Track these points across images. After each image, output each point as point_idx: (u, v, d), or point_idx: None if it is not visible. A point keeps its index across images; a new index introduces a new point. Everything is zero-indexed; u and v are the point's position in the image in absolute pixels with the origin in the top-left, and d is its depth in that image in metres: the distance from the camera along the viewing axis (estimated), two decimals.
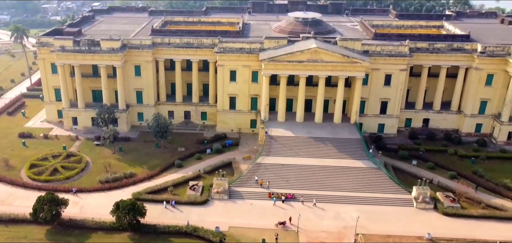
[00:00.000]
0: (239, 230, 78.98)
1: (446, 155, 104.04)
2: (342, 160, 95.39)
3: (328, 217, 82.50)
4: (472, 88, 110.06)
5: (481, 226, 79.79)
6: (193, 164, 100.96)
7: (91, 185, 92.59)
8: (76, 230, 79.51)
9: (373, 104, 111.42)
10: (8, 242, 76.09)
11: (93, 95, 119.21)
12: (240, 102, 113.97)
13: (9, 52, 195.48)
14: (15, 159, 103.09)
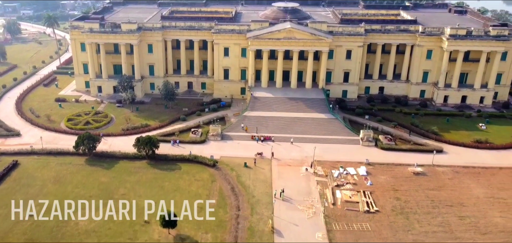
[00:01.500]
0: (228, 158, 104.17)
1: (394, 113, 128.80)
2: (309, 113, 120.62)
3: (295, 151, 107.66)
4: (416, 61, 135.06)
5: (407, 156, 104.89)
6: (194, 118, 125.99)
7: (115, 132, 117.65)
8: (107, 159, 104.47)
9: (338, 74, 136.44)
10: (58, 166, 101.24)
11: (114, 69, 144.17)
12: (232, 73, 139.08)
13: (36, 40, 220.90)
14: (55, 115, 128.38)
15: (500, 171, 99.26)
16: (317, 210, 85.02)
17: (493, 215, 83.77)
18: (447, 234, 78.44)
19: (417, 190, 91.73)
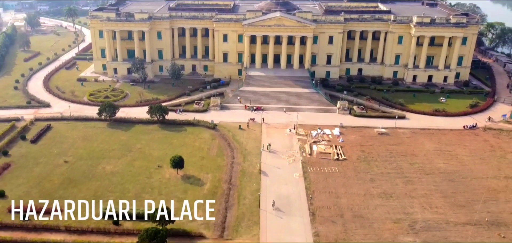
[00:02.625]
0: (225, 123, 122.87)
1: (369, 90, 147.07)
2: (295, 88, 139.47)
3: (281, 118, 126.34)
4: (389, 46, 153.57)
5: (375, 121, 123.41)
6: (198, 94, 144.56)
7: (131, 103, 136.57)
8: (125, 123, 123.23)
9: (321, 57, 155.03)
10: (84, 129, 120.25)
11: (127, 53, 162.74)
12: (230, 57, 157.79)
13: (55, 32, 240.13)
14: (78, 92, 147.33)
15: (450, 132, 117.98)
16: (297, 158, 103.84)
17: (438, 162, 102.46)
18: (398, 174, 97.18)
19: (379, 145, 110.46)
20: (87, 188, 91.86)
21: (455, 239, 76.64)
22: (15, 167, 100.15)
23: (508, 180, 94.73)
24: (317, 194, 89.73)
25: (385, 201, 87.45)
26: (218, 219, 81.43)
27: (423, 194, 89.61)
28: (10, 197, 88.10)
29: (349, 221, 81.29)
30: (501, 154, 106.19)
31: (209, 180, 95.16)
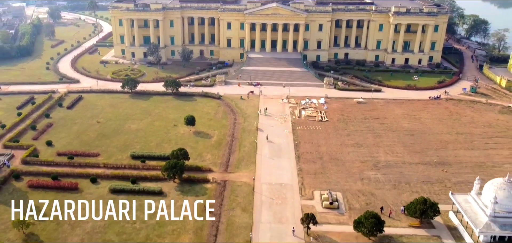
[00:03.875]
0: (229, 94, 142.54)
1: (353, 70, 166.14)
2: (289, 68, 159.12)
3: (277, 91, 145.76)
4: (371, 33, 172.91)
5: (356, 93, 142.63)
6: (205, 73, 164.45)
7: (148, 80, 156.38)
8: (144, 95, 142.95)
9: (313, 42, 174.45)
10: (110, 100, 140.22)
11: (144, 39, 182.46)
12: (233, 42, 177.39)
13: (75, 24, 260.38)
14: (102, 71, 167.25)
15: (417, 102, 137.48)
16: (288, 120, 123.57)
17: (403, 123, 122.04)
18: (369, 131, 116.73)
19: (357, 111, 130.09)
20: (117, 140, 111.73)
21: (408, 173, 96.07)
22: (56, 126, 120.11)
23: (458, 135, 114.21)
24: (302, 144, 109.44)
25: (356, 149, 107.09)
26: (223, 160, 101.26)
27: (388, 144, 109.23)
28: (56, 146, 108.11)
29: (326, 162, 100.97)
30: (456, 117, 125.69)
31: (216, 134, 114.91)
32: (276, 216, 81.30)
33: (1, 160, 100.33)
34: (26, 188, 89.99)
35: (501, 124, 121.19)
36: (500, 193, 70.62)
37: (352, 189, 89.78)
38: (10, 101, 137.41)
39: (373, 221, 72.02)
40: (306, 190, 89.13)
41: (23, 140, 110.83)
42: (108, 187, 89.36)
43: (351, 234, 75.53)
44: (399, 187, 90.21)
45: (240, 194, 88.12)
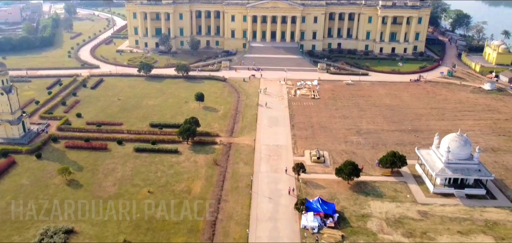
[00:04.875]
0: (233, 78, 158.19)
1: (344, 58, 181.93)
2: (286, 55, 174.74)
3: (276, 75, 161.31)
4: (362, 24, 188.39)
5: (345, 77, 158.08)
6: (212, 60, 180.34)
7: (160, 66, 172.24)
8: (158, 78, 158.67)
9: (308, 33, 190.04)
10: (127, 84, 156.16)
11: (155, 30, 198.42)
12: (237, 33, 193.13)
13: (90, 19, 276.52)
14: (118, 59, 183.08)
15: (398, 83, 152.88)
16: (284, 97, 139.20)
17: (385, 100, 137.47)
18: (355, 106, 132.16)
19: (345, 91, 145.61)
20: (137, 112, 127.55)
21: (385, 138, 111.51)
22: (83, 102, 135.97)
23: (431, 109, 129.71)
24: (296, 116, 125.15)
25: (342, 120, 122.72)
26: (228, 128, 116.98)
27: (370, 116, 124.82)
28: (85, 117, 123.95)
29: (316, 129, 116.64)
30: (432, 96, 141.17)
31: (222, 109, 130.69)
32: (272, 167, 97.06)
33: (40, 127, 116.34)
34: (64, 148, 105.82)
35: (470, 101, 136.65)
36: (453, 144, 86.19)
37: (337, 149, 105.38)
38: (40, 83, 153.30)
39: (351, 168, 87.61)
40: (298, 149, 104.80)
41: (56, 113, 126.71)
42: (132, 147, 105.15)
43: (333, 180, 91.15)
44: (376, 148, 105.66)
45: (243, 152, 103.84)
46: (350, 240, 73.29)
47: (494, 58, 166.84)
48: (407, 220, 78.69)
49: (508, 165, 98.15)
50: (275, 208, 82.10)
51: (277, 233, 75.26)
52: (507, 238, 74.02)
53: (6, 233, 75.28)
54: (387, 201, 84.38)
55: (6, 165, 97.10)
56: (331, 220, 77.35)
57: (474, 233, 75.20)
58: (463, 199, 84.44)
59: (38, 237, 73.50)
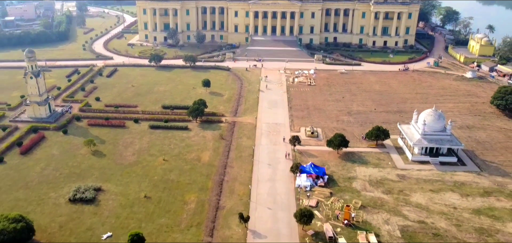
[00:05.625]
0: (236, 67, 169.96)
1: (340, 50, 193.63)
2: (286, 47, 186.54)
3: (276, 65, 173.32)
4: (356, 20, 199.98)
5: (340, 67, 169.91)
6: (216, 52, 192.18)
7: (169, 57, 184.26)
8: (167, 68, 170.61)
9: (306, 28, 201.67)
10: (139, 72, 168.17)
11: (164, 25, 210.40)
12: (239, 28, 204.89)
13: (100, 16, 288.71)
14: (130, 51, 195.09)
15: (389, 72, 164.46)
16: (283, 84, 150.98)
17: (375, 86, 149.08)
18: (347, 92, 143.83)
19: (339, 79, 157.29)
20: (150, 97, 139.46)
21: (373, 117, 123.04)
22: (100, 88, 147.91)
23: (416, 94, 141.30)
24: (294, 100, 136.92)
25: (335, 103, 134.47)
26: (233, 109, 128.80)
27: (360, 100, 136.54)
28: (103, 101, 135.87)
29: (312, 111, 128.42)
30: (418, 83, 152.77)
31: (226, 93, 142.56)
32: (271, 141, 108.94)
33: (64, 108, 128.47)
34: (86, 126, 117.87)
35: (452, 88, 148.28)
36: (428, 118, 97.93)
37: (329, 126, 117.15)
38: (59, 72, 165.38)
39: (340, 139, 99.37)
40: (295, 126, 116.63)
41: (76, 97, 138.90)
42: (147, 125, 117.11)
43: (325, 150, 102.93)
44: (364, 125, 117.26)
45: (246, 129, 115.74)
46: (337, 196, 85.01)
47: (477, 50, 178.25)
48: (387, 181, 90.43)
49: (479, 139, 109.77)
50: (274, 172, 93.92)
51: (275, 190, 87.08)
52: (471, 194, 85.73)
53: (44, 191, 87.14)
54: (371, 167, 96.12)
55: (37, 139, 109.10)
56: (322, 181, 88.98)
57: (443, 191, 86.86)
58: (437, 165, 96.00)
59: (71, 193, 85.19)
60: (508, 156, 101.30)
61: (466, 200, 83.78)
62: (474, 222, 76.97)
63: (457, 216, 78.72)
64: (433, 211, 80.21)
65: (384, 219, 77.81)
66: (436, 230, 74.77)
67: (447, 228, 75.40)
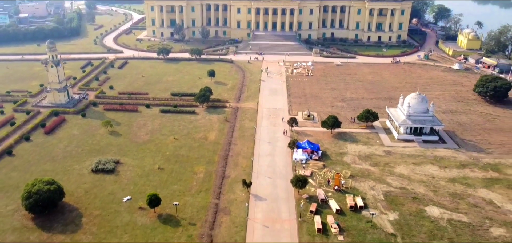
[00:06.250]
0: (239, 60, 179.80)
1: (336, 44, 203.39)
2: (286, 42, 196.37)
3: (276, 58, 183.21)
4: (352, 16, 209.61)
5: (336, 59, 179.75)
6: (220, 47, 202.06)
7: (176, 51, 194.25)
8: (175, 60, 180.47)
9: (305, 24, 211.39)
10: (147, 62, 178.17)
11: (170, 21, 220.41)
12: (242, 24, 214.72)
13: (108, 13, 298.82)
14: (138, 46, 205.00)
15: (382, 64, 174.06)
16: (283, 75, 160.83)
17: (368, 77, 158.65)
18: (342, 81, 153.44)
19: (335, 70, 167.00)
20: (159, 86, 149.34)
21: (365, 103, 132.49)
22: (113, 78, 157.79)
23: (406, 83, 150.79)
24: (292, 88, 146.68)
25: (330, 91, 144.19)
26: (236, 96, 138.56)
27: (354, 88, 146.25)
28: (116, 89, 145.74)
29: (309, 98, 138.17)
30: (408, 74, 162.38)
31: (230, 83, 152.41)
32: (271, 123, 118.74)
33: (81, 95, 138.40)
34: (102, 110, 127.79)
35: (440, 78, 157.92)
36: (412, 101, 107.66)
37: (324, 111, 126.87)
38: (73, 64, 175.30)
39: (333, 120, 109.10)
40: (293, 111, 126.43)
41: (91, 86, 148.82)
42: (158, 110, 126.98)
43: (319, 131, 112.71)
44: (356, 110, 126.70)
45: (248, 113, 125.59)
46: (329, 167, 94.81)
47: (465, 44, 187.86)
48: (374, 156, 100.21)
49: (460, 122, 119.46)
50: (273, 148, 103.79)
51: (274, 163, 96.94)
52: (449, 166, 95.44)
53: (68, 164, 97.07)
54: (360, 144, 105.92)
55: (58, 121, 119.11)
56: (316, 155, 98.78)
57: (424, 164, 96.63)
58: (420, 143, 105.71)
59: (93, 164, 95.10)
60: (485, 135, 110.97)
61: (444, 171, 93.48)
62: (449, 189, 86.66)
63: (434, 184, 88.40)
64: (413, 180, 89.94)
65: (370, 186, 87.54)
66: (415, 194, 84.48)
67: (425, 193, 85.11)
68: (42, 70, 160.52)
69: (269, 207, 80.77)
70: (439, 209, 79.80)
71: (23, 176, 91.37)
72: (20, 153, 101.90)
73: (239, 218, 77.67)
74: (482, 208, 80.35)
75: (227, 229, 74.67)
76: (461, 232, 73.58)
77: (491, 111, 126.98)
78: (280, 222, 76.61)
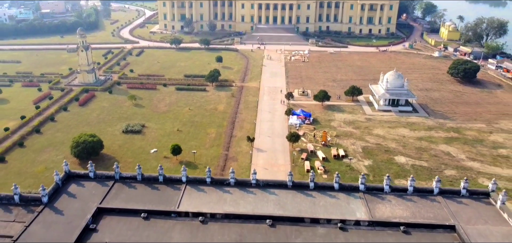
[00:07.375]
0: (243, 49, 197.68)
1: (331, 36, 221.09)
2: (285, 34, 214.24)
3: (276, 47, 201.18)
4: (345, 11, 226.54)
5: (330, 49, 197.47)
6: (226, 38, 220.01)
7: (186, 41, 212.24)
8: (186, 49, 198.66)
9: (303, 18, 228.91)
10: (160, 52, 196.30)
11: (181, 16, 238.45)
12: (245, 18, 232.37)
13: (122, 10, 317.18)
14: (152, 38, 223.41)
15: (370, 53, 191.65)
16: (282, 61, 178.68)
17: (357, 63, 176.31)
18: (334, 66, 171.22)
19: (329, 57, 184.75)
20: (173, 70, 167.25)
21: (352, 83, 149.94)
22: (132, 64, 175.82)
23: (390, 68, 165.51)
24: (290, 72, 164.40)
25: (324, 74, 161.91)
26: (241, 78, 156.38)
27: (344, 72, 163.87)
28: (136, 72, 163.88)
29: (304, 79, 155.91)
30: (393, 60, 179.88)
31: (236, 67, 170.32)
32: (271, 98, 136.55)
33: (106, 76, 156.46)
34: (126, 88, 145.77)
35: (421, 63, 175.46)
36: (390, 77, 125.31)
37: (317, 89, 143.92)
38: (96, 52, 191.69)
39: (323, 94, 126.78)
40: (290, 89, 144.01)
41: (114, 70, 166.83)
42: (174, 88, 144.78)
43: (312, 104, 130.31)
44: (345, 88, 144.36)
45: (251, 90, 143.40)
46: (319, 130, 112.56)
47: (446, 35, 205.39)
48: (357, 122, 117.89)
49: (433, 97, 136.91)
50: (272, 116, 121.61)
51: (273, 126, 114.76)
52: (418, 129, 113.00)
53: (102, 127, 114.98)
54: (346, 113, 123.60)
55: (89, 96, 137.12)
56: (308, 121, 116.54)
57: (398, 127, 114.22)
58: (397, 112, 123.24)
59: (123, 127, 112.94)
60: (452, 107, 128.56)
61: (413, 132, 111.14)
62: (416, 144, 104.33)
63: (404, 141, 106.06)
64: (387, 138, 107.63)
65: (351, 142, 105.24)
66: (388, 148, 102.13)
67: (396, 147, 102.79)
68: (68, 58, 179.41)
69: (268, 156, 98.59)
70: (405, 158, 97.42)
71: (66, 136, 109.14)
72: (60, 119, 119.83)
73: (245, 163, 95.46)
74: (440, 157, 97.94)
75: (235, 170, 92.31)
76: (421, 173, 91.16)
77: (461, 89, 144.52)
78: (277, 166, 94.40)
